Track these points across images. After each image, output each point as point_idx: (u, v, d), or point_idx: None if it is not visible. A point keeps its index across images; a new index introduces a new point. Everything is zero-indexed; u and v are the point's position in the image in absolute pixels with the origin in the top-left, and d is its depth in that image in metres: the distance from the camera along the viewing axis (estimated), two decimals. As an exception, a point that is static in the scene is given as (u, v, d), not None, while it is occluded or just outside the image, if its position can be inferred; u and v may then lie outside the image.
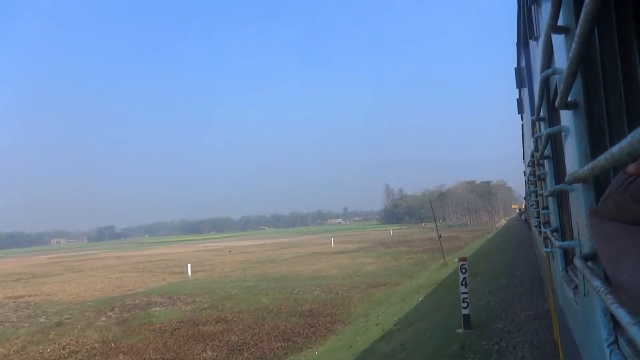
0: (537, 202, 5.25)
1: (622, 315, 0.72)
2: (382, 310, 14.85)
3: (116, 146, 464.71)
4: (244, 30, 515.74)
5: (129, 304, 19.82)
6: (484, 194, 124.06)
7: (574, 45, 1.03)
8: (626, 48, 1.35)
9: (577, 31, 0.96)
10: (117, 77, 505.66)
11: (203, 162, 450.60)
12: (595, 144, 1.43)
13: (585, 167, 1.03)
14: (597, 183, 1.43)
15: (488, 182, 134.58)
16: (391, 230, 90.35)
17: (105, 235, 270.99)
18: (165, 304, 19.30)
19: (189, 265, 31.03)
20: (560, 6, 1.32)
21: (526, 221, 31.26)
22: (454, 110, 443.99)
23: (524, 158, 12.98)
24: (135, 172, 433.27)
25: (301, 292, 20.15)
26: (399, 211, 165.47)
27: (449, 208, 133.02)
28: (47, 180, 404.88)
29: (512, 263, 17.27)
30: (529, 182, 6.82)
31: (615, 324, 1.26)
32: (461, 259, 9.18)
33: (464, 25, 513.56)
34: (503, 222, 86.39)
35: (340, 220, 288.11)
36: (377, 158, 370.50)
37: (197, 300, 20.23)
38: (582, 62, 1.34)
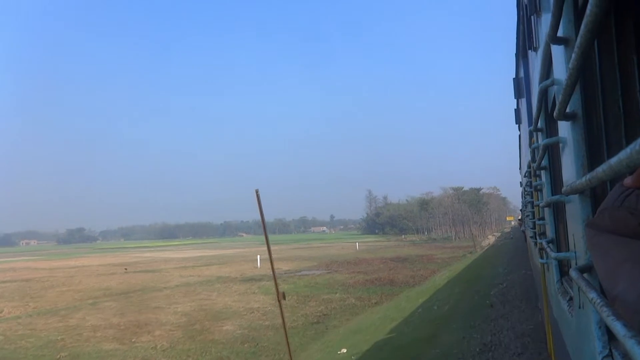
0: (533, 212, 5.30)
1: (618, 328, 0.72)
2: None
3: (99, 147, 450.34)
4: (218, 31, 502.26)
5: None
6: (474, 203, 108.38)
7: (573, 56, 1.05)
8: (625, 60, 1.40)
9: (578, 42, 0.97)
10: (97, 77, 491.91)
11: (190, 165, 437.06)
12: (592, 155, 1.45)
13: (583, 179, 1.04)
14: (594, 195, 1.45)
15: (478, 189, 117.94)
16: (357, 244, 76.70)
17: (75, 237, 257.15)
18: None
19: None
20: (560, 17, 1.35)
21: (524, 232, 25.16)
22: (449, 117, 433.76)
23: (520, 169, 12.56)
24: (121, 173, 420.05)
25: None
26: (381, 220, 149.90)
27: (435, 219, 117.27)
28: (26, 180, 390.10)
29: None
30: (526, 193, 6.61)
31: (610, 337, 1.26)
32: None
33: (455, 32, 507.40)
34: (491, 239, 68.67)
35: (324, 228, 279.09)
36: (366, 164, 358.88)
37: None
38: (582, 74, 1.37)
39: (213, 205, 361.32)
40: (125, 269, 45.33)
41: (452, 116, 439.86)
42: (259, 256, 45.11)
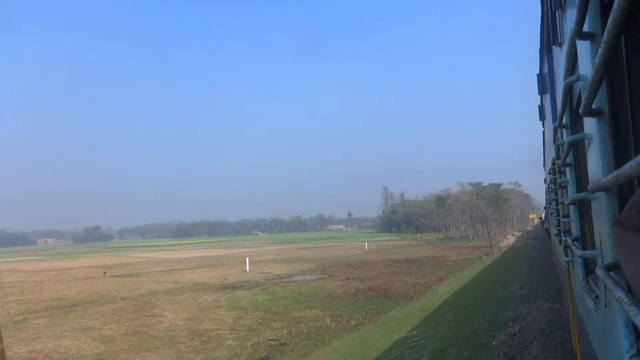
0: (557, 210, 5.22)
1: None
2: None
3: (120, 146, 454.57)
4: (244, 29, 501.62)
5: None
6: (493, 200, 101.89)
7: (600, 51, 1.03)
8: None
9: (604, 37, 0.95)
10: (110, 76, 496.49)
11: (208, 163, 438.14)
12: (619, 152, 1.43)
13: (610, 176, 1.03)
14: (621, 192, 1.43)
15: (498, 185, 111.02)
16: (367, 244, 72.01)
17: (91, 236, 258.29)
18: None
19: None
20: (586, 12, 1.34)
21: (547, 230, 25.07)
22: (472, 111, 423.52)
23: (544, 165, 12.15)
24: (140, 172, 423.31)
25: None
26: (397, 218, 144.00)
27: (452, 216, 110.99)
28: (47, 179, 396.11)
29: None
30: (550, 190, 6.57)
31: (638, 336, 1.25)
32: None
33: (471, 26, 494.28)
34: (511, 239, 60.49)
35: (341, 226, 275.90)
36: (384, 161, 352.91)
37: None
38: (608, 69, 1.35)
39: (230, 203, 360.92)
40: (104, 272, 41.81)
41: (475, 111, 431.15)
42: (247, 259, 41.07)
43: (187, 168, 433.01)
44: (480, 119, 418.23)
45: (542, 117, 8.94)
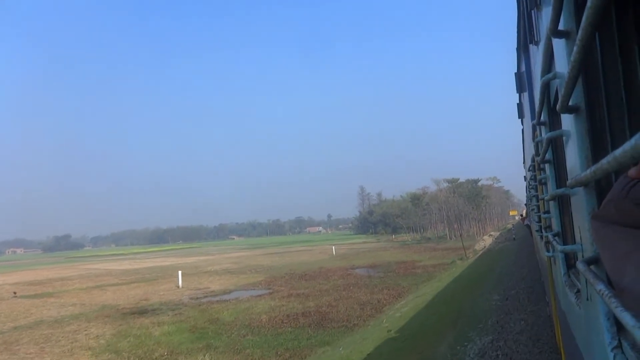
0: (538, 206, 5.36)
1: (626, 318, 0.73)
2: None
3: (94, 152, 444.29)
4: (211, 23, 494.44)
5: None
6: (471, 197, 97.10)
7: (575, 49, 1.05)
8: (627, 52, 1.38)
9: (579, 35, 0.97)
10: (85, 80, 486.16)
11: (186, 168, 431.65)
12: (596, 147, 1.44)
13: (587, 171, 1.04)
14: (599, 187, 1.44)
15: (476, 181, 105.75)
16: (334, 248, 66.63)
17: (61, 245, 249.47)
18: None
19: None
20: (561, 11, 1.35)
21: (528, 227, 23.15)
22: (449, 110, 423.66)
23: (524, 163, 12.65)
24: (116, 178, 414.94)
25: None
26: (374, 219, 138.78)
27: (430, 216, 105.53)
28: (18, 188, 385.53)
29: None
30: (530, 187, 6.80)
31: (619, 328, 1.25)
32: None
33: (450, 23, 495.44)
34: (488, 241, 56.36)
35: (320, 228, 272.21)
36: (363, 161, 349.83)
37: None
38: (584, 66, 1.36)
39: (208, 207, 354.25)
40: (15, 293, 35.70)
41: (457, 109, 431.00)
42: (180, 272, 35.47)
43: (166, 173, 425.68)
44: (458, 116, 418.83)
45: (520, 115, 8.93)
